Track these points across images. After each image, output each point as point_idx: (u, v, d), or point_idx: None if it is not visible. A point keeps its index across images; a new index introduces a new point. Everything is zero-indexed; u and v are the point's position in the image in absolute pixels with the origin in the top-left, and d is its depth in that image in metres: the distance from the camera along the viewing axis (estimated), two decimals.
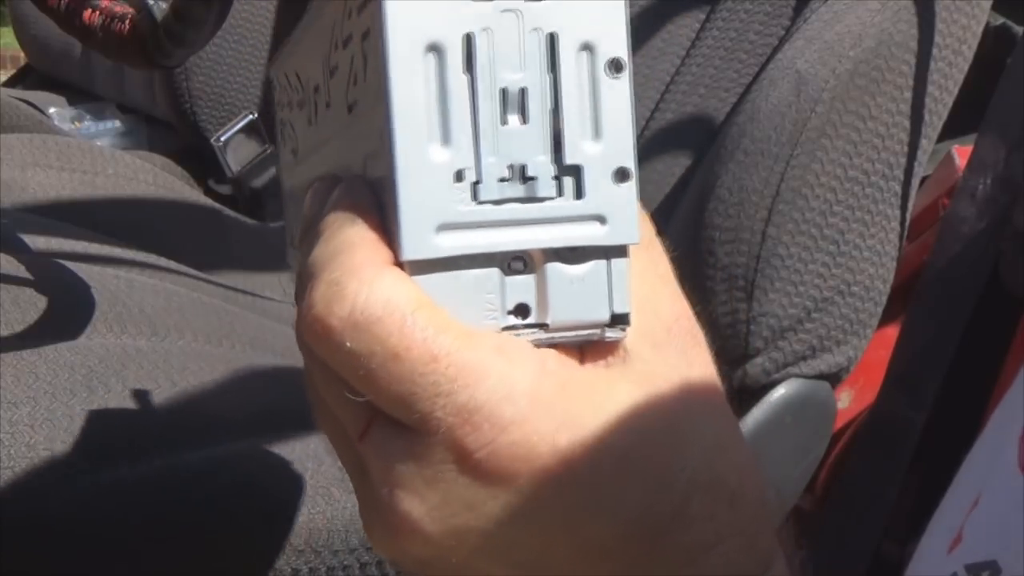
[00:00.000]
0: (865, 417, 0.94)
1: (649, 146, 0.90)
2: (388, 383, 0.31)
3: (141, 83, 1.46)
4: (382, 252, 0.31)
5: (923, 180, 0.90)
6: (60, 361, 0.72)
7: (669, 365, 0.34)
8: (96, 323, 0.80)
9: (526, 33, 0.31)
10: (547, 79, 0.32)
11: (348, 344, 0.31)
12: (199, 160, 1.39)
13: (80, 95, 1.55)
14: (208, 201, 1.27)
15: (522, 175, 0.32)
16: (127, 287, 0.86)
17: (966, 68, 0.81)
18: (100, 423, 0.70)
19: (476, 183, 0.31)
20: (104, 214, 1.10)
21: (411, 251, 0.31)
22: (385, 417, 0.32)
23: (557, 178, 0.32)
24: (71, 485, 0.67)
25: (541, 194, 0.32)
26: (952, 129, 0.84)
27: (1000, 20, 1.10)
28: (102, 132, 1.48)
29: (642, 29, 0.96)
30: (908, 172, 0.80)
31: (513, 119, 0.32)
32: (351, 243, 0.32)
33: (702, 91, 0.89)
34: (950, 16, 0.79)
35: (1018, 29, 1.10)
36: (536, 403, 0.31)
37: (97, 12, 0.75)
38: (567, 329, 0.33)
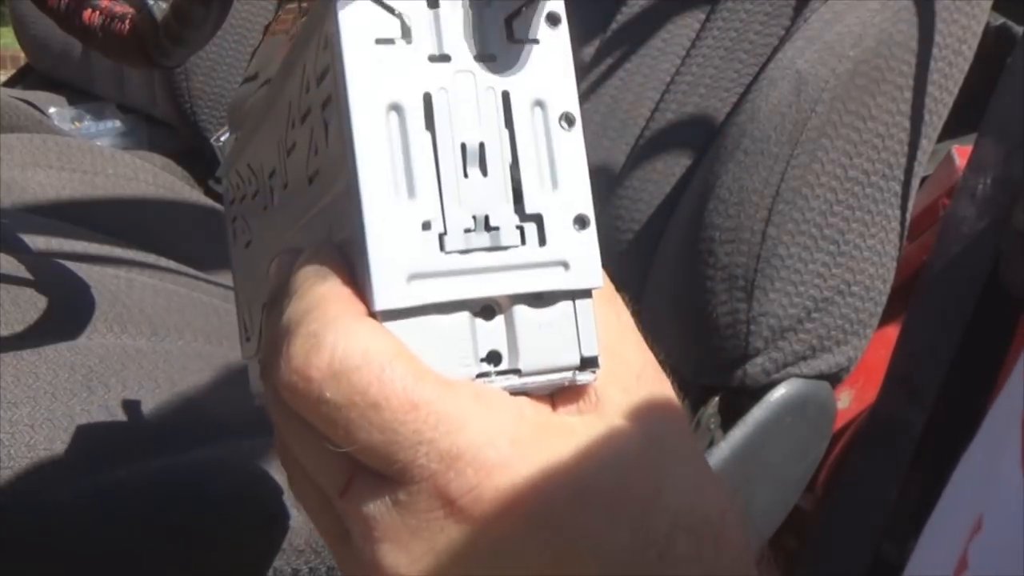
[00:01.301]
0: (865, 417, 0.94)
1: (649, 146, 0.90)
2: (369, 432, 0.31)
3: (141, 83, 1.46)
4: (356, 305, 0.32)
5: (923, 180, 0.90)
6: (60, 361, 0.72)
7: (641, 409, 0.34)
8: (96, 323, 0.80)
9: (481, 92, 0.33)
10: (504, 134, 0.33)
11: (328, 395, 0.31)
12: (199, 160, 1.39)
13: (80, 95, 1.55)
14: (208, 201, 1.27)
15: (486, 225, 0.33)
16: (127, 287, 0.86)
17: (966, 68, 0.81)
18: (100, 423, 0.70)
19: (442, 234, 0.32)
20: (104, 214, 1.10)
21: (384, 301, 0.31)
22: (366, 470, 0.32)
23: (520, 227, 0.33)
24: (71, 485, 0.67)
25: (505, 243, 0.33)
26: (952, 129, 0.84)
27: (1000, 20, 1.10)
28: (102, 132, 1.48)
29: (642, 29, 0.96)
30: (908, 172, 0.80)
31: (474, 172, 0.33)
32: (325, 297, 0.32)
33: (702, 91, 0.89)
34: (950, 16, 0.79)
35: (1018, 29, 1.11)
36: (518, 448, 0.32)
37: (97, 12, 0.75)
38: (539, 374, 0.33)
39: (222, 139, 1.37)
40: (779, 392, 0.80)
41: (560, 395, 0.34)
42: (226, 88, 1.39)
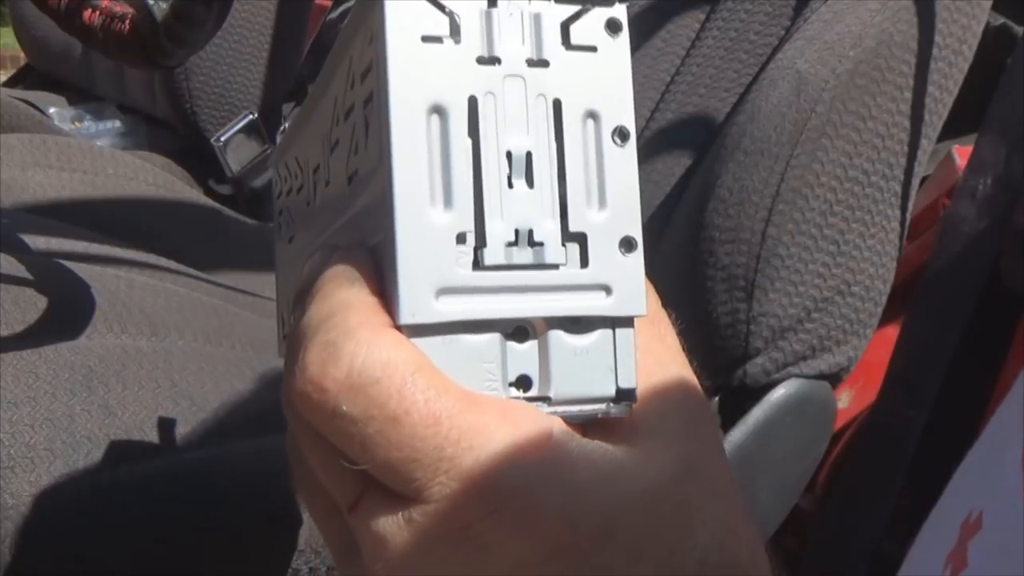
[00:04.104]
0: (865, 417, 0.94)
1: (649, 146, 0.90)
2: (387, 449, 0.29)
3: (141, 83, 1.46)
4: (379, 315, 0.30)
5: (923, 180, 0.90)
6: (60, 361, 0.72)
7: (678, 442, 0.32)
8: (96, 323, 0.80)
9: (531, 99, 0.31)
10: (553, 145, 0.31)
11: (344, 408, 0.29)
12: (199, 160, 1.39)
13: (80, 95, 1.55)
14: (208, 201, 1.27)
15: (529, 240, 0.31)
16: (127, 287, 0.86)
17: (966, 68, 0.81)
18: (100, 423, 0.70)
19: (478, 247, 0.31)
20: (104, 214, 1.10)
21: (409, 315, 0.30)
22: (379, 486, 0.30)
23: (563, 245, 0.31)
24: (71, 485, 0.67)
25: (549, 260, 0.31)
26: (952, 129, 0.84)
27: (1000, 20, 1.10)
28: (102, 132, 1.48)
29: (642, 29, 0.96)
30: (908, 172, 0.80)
31: (519, 183, 0.31)
32: (348, 304, 0.31)
33: (702, 91, 0.89)
34: (950, 16, 0.79)
35: (1018, 29, 1.11)
36: (543, 472, 0.30)
37: (97, 12, 0.75)
38: (570, 403, 0.32)
39: (222, 139, 1.37)
40: (779, 392, 0.80)
41: (592, 422, 0.32)
42: (226, 88, 1.39)
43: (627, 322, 0.32)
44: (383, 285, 0.31)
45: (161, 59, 0.74)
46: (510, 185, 0.31)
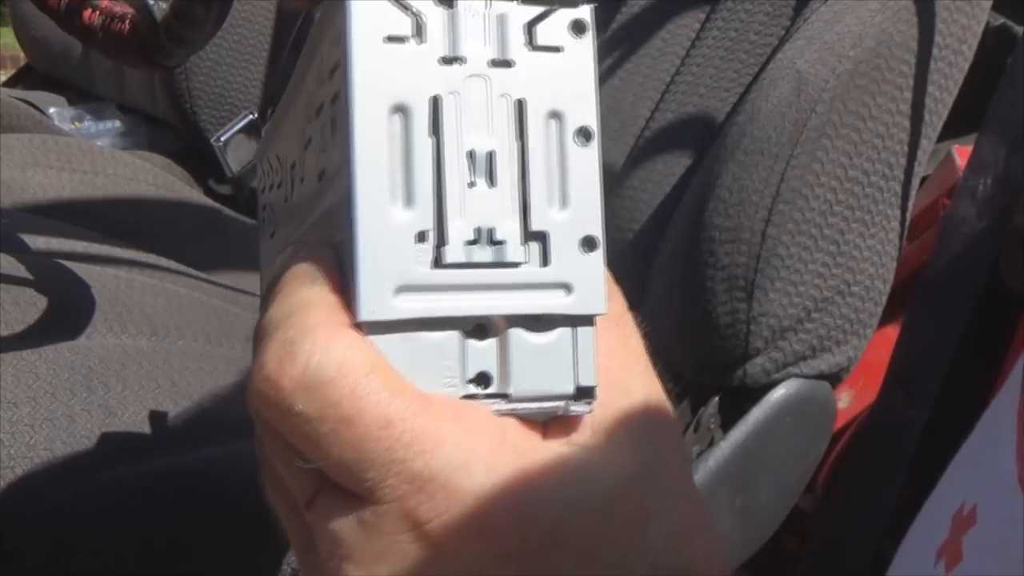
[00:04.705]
0: (865, 417, 0.94)
1: (649, 146, 0.90)
2: (339, 449, 0.29)
3: (141, 83, 1.46)
4: (339, 314, 0.30)
5: (923, 180, 0.90)
6: (60, 361, 0.72)
7: (636, 444, 0.32)
8: (96, 323, 0.80)
9: (494, 98, 0.31)
10: (515, 145, 0.32)
11: (298, 407, 0.29)
12: (199, 160, 1.39)
13: (80, 95, 1.55)
14: (208, 201, 1.27)
15: (490, 238, 0.31)
16: (127, 287, 0.86)
17: (966, 68, 0.81)
18: (100, 423, 0.70)
19: (439, 245, 0.31)
20: (104, 214, 1.10)
21: (368, 312, 0.30)
22: (333, 485, 0.31)
23: (524, 244, 0.31)
24: (71, 485, 0.67)
25: (510, 258, 0.31)
26: (952, 129, 0.84)
27: (1000, 20, 1.10)
28: (102, 132, 1.48)
29: (642, 29, 0.96)
30: (908, 172, 0.80)
31: (481, 182, 0.31)
32: (308, 302, 0.31)
33: (702, 91, 0.89)
34: (950, 16, 0.79)
35: (1018, 29, 1.10)
36: (494, 474, 0.30)
37: (97, 12, 0.75)
38: (529, 400, 0.32)
39: (222, 139, 1.37)
40: (779, 392, 0.80)
41: (552, 423, 0.32)
42: (226, 88, 1.39)
43: (587, 321, 0.32)
44: (345, 282, 0.31)
45: (161, 59, 0.74)
46: (472, 184, 0.31)
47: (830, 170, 0.77)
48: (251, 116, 1.30)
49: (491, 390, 0.32)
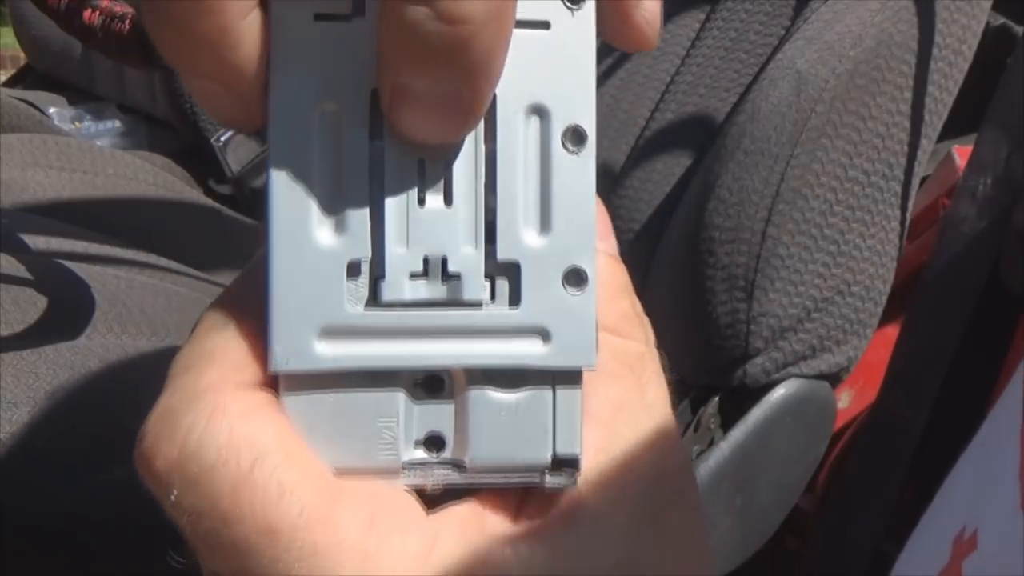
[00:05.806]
0: (865, 417, 0.94)
1: (649, 146, 0.90)
2: (219, 555, 0.24)
3: (141, 83, 1.46)
4: (243, 371, 0.25)
5: (923, 180, 0.90)
6: (60, 361, 0.72)
7: (627, 535, 0.25)
8: (96, 323, 0.80)
9: None
10: (481, 149, 0.25)
11: (174, 497, 0.24)
12: (199, 160, 1.39)
13: (80, 95, 1.55)
14: (208, 201, 1.27)
15: (442, 270, 0.25)
16: (127, 287, 0.86)
17: (966, 68, 0.81)
18: (100, 423, 0.70)
19: (377, 279, 0.25)
20: (104, 214, 1.10)
21: (282, 361, 0.24)
22: None
23: (489, 277, 0.25)
24: (71, 485, 0.67)
25: (467, 296, 0.25)
26: (952, 129, 0.84)
27: (1000, 20, 1.10)
28: (102, 132, 1.48)
29: None
30: (908, 172, 0.80)
31: (433, 199, 0.25)
32: (209, 355, 0.25)
33: (702, 91, 0.89)
34: (950, 16, 0.79)
35: (1018, 29, 1.10)
36: None
37: (97, 12, 0.75)
38: (492, 471, 0.25)
39: (222, 139, 1.37)
40: (779, 392, 0.80)
41: (528, 495, 0.26)
42: None
43: (571, 376, 0.25)
44: (263, 324, 0.25)
45: (161, 59, 0.74)
46: (421, 201, 0.25)
47: (830, 170, 0.77)
48: None
49: (444, 456, 0.26)
